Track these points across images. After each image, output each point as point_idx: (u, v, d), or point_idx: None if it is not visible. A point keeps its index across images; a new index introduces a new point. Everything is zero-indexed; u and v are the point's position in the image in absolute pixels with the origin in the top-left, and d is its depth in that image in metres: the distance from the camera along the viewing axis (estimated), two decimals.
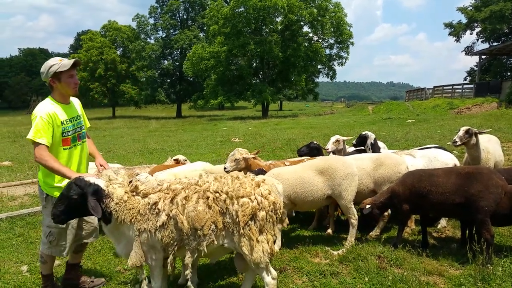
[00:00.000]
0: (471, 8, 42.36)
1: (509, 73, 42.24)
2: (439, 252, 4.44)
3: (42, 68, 3.47)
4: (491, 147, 5.71)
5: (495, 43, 39.82)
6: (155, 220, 3.03)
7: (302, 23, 39.98)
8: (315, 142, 6.65)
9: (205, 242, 3.04)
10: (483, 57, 35.20)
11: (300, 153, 6.50)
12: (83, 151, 3.74)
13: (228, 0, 41.79)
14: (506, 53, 33.70)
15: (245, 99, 40.67)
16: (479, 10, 39.78)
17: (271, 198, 3.17)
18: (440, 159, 5.41)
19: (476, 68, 40.02)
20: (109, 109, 57.39)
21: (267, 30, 40.06)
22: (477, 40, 44.85)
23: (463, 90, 32.14)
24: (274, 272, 3.24)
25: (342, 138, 6.48)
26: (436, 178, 4.29)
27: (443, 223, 5.31)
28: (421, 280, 3.76)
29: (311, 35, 42.64)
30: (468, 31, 43.99)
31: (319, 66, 44.01)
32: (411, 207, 4.51)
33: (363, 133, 6.58)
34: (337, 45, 43.40)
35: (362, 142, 6.49)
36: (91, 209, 2.94)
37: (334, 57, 44.19)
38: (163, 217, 3.02)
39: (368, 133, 6.52)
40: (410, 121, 20.40)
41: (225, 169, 5.17)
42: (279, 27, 40.12)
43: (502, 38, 41.56)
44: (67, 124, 3.51)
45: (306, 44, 40.62)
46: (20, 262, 4.63)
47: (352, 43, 42.77)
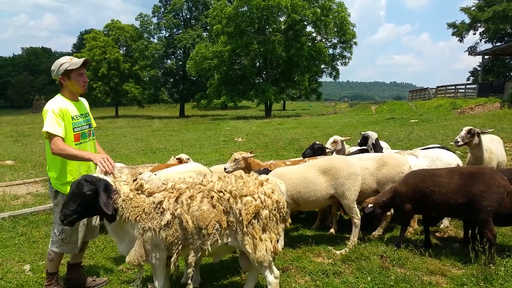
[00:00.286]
0: (474, 8, 42.28)
1: None
2: (441, 251, 4.45)
3: (53, 66, 3.57)
4: (494, 147, 5.70)
5: (498, 43, 39.68)
6: (160, 219, 3.04)
7: (305, 22, 40.05)
8: (317, 142, 6.55)
9: (209, 241, 3.05)
10: (486, 57, 35.14)
11: (305, 156, 6.31)
12: (92, 149, 3.80)
13: (231, 0, 41.81)
14: (509, 53, 33.58)
15: (248, 98, 40.71)
16: (482, 10, 39.72)
17: (274, 196, 3.19)
18: (443, 159, 5.43)
19: (479, 68, 39.96)
20: (112, 108, 57.45)
21: (270, 29, 40.08)
22: (480, 40, 44.81)
23: (466, 90, 32.04)
24: (276, 271, 3.25)
25: (340, 138, 6.47)
26: (438, 178, 4.30)
27: (446, 223, 5.32)
28: (424, 279, 3.77)
29: (314, 34, 42.69)
30: (471, 31, 43.96)
31: (322, 66, 44.03)
32: (414, 207, 4.52)
33: (365, 133, 6.58)
34: (340, 45, 43.44)
35: (365, 142, 6.49)
36: (103, 205, 2.89)
37: (337, 57, 44.24)
38: (167, 216, 3.03)
39: (369, 133, 6.52)
40: (413, 121, 20.37)
41: (225, 169, 5.20)
42: (283, 27, 40.15)
43: (505, 38, 41.43)
44: (77, 119, 3.59)
45: (310, 44, 40.69)
46: (22, 261, 4.63)
47: (355, 43, 42.85)
